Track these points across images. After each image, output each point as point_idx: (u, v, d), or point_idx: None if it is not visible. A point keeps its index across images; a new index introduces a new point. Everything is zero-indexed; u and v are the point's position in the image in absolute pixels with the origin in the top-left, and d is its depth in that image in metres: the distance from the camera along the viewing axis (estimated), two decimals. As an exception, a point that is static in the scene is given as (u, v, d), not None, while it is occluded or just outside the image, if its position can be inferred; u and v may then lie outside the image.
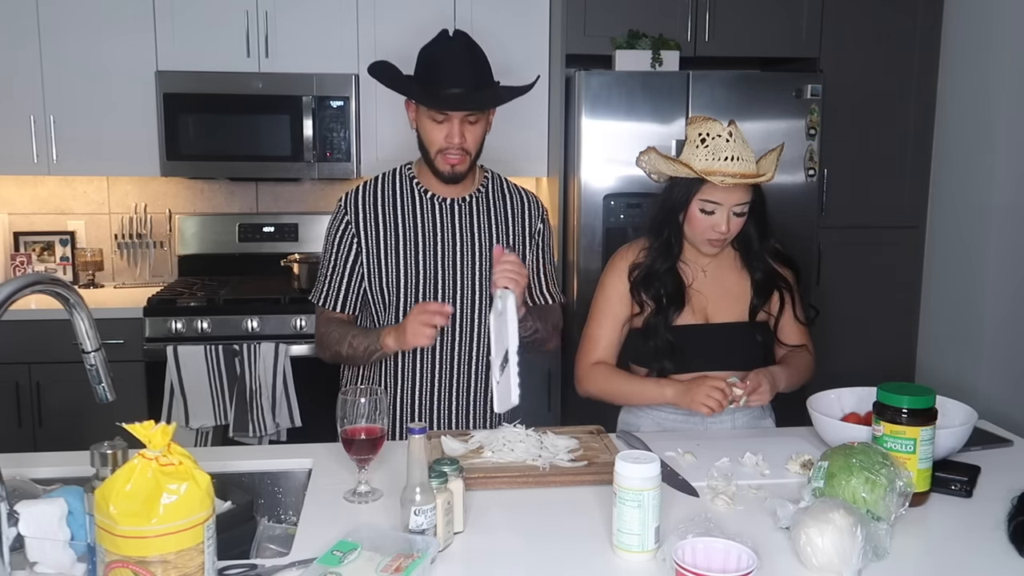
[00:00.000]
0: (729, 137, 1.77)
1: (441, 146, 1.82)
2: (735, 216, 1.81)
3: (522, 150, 3.48)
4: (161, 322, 3.11)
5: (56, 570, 1.14)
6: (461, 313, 1.91)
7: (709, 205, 1.80)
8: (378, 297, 1.91)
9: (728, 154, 1.75)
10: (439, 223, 1.91)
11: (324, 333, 1.93)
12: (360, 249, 1.91)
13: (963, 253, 3.39)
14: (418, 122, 1.86)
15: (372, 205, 1.91)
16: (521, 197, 2.01)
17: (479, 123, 1.84)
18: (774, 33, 3.35)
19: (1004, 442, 1.79)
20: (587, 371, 1.95)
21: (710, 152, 1.77)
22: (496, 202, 1.97)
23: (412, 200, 1.91)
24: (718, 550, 1.18)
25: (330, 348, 1.92)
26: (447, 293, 1.90)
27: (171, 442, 1.07)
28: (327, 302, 1.95)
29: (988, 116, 3.26)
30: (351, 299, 1.94)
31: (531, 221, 2.00)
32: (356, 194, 1.93)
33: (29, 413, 3.13)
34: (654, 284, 1.89)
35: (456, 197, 1.93)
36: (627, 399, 1.95)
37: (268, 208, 3.74)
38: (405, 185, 1.93)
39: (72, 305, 1.24)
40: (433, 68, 1.80)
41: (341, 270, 1.93)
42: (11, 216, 3.60)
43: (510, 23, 3.41)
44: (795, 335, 1.97)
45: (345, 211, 1.92)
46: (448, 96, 1.78)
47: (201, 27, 3.29)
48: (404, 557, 1.20)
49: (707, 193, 1.80)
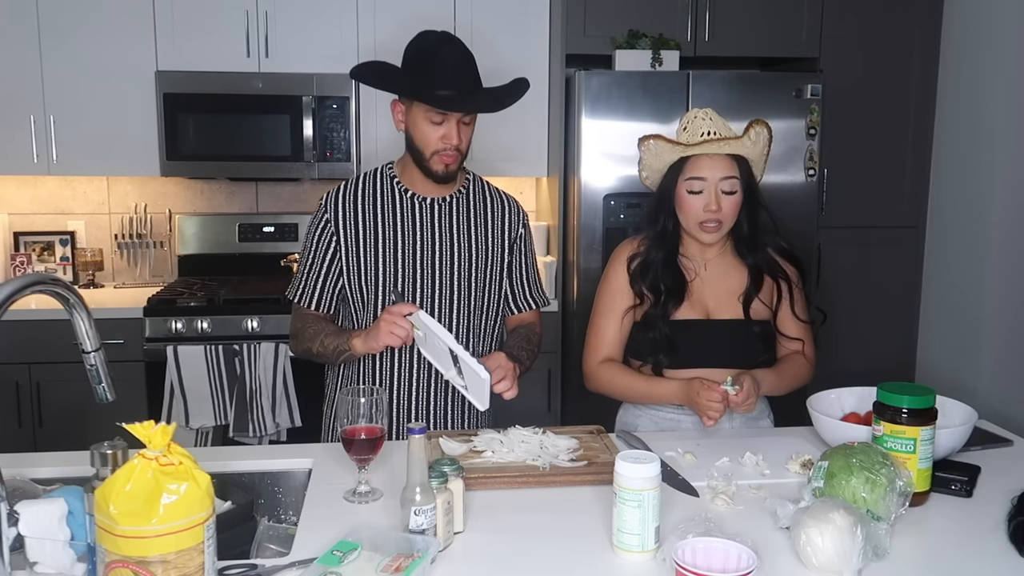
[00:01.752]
0: (706, 117, 1.82)
1: (437, 147, 1.82)
2: (724, 195, 1.82)
3: (522, 150, 3.48)
4: (161, 322, 3.11)
5: (56, 570, 1.14)
6: (440, 312, 1.90)
7: (695, 183, 1.82)
8: (357, 296, 1.92)
9: (705, 130, 1.81)
10: (419, 222, 1.90)
11: (299, 329, 1.94)
12: (339, 248, 1.91)
13: (963, 253, 3.39)
14: (411, 123, 1.84)
15: (352, 204, 1.91)
16: (502, 201, 2.01)
17: (472, 124, 1.85)
18: (774, 33, 3.35)
19: (1004, 442, 1.79)
20: (595, 368, 1.96)
21: (689, 134, 1.83)
22: (477, 204, 1.96)
23: (392, 199, 1.91)
24: (718, 550, 1.18)
25: (302, 344, 1.93)
26: (425, 292, 1.90)
27: (171, 442, 1.07)
28: (303, 299, 1.95)
29: (988, 116, 3.26)
30: (327, 297, 1.94)
31: (511, 226, 1.99)
32: (337, 193, 1.93)
33: (29, 413, 3.13)
34: (651, 274, 1.89)
35: (437, 197, 1.92)
36: (635, 397, 1.94)
37: (268, 208, 3.74)
38: (386, 184, 1.93)
39: (72, 305, 1.24)
40: (438, 69, 1.77)
41: (319, 268, 1.93)
42: (11, 216, 3.60)
43: (510, 23, 3.41)
44: (793, 330, 1.95)
45: (325, 210, 1.92)
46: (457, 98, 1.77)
47: (201, 27, 3.29)
48: (404, 557, 1.20)
49: (690, 170, 1.82)
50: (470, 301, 1.93)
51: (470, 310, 1.93)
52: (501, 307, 2.01)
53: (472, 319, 1.93)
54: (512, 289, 2.02)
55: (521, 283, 2.03)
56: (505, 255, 1.99)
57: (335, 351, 1.86)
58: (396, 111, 1.87)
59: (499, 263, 1.97)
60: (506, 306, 2.02)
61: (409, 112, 1.83)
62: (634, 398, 1.94)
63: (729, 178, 1.81)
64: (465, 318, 1.92)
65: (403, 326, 1.71)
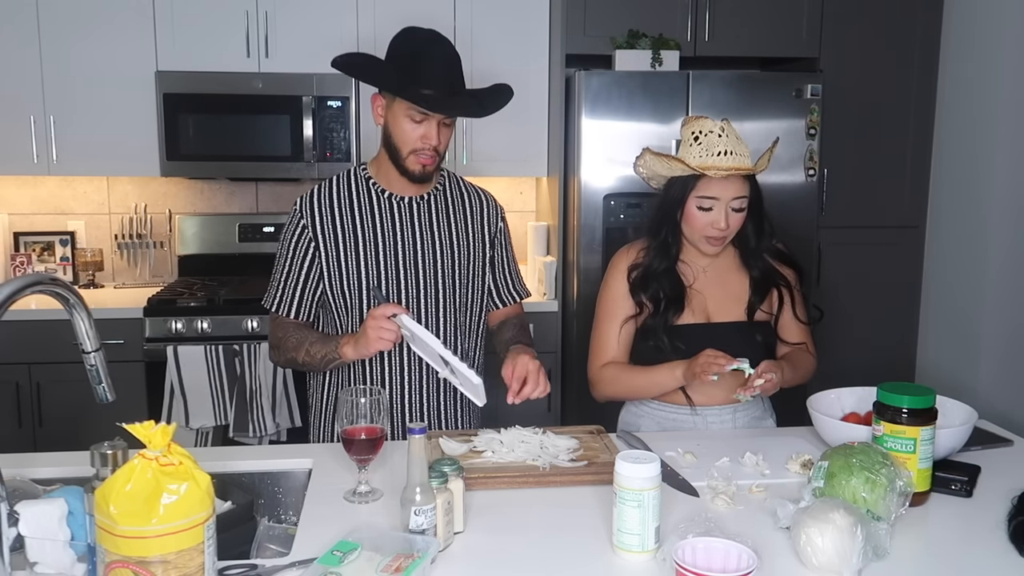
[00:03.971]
0: (721, 132, 1.79)
1: (415, 146, 1.79)
2: (733, 212, 1.82)
3: (522, 150, 3.48)
4: (161, 322, 3.11)
5: (56, 570, 1.14)
6: (426, 311, 1.89)
7: (706, 201, 1.81)
8: (339, 300, 1.89)
9: (721, 149, 1.77)
10: (398, 222, 1.89)
11: (281, 338, 1.89)
12: (318, 253, 1.87)
13: (963, 253, 3.39)
14: (391, 119, 1.80)
15: (329, 207, 1.88)
16: (479, 196, 2.00)
17: (452, 126, 1.83)
18: (774, 33, 3.35)
19: (1004, 442, 1.79)
20: (598, 375, 1.95)
21: (703, 148, 1.78)
22: (455, 201, 1.96)
23: (369, 201, 1.89)
24: (718, 550, 1.18)
25: (285, 354, 1.88)
26: (410, 292, 1.89)
27: (171, 442, 1.07)
28: (281, 308, 1.91)
29: (988, 116, 3.26)
30: (306, 305, 1.91)
31: (490, 221, 2.00)
32: (311, 197, 1.89)
33: (29, 413, 3.14)
34: (652, 285, 1.89)
35: (414, 196, 1.90)
36: (641, 392, 1.93)
37: (268, 208, 3.74)
38: (361, 186, 1.90)
39: (72, 305, 1.24)
40: (424, 68, 1.75)
41: (296, 275, 1.89)
42: (11, 216, 3.60)
43: (510, 23, 3.41)
44: (795, 333, 1.97)
45: (301, 215, 1.88)
46: (440, 99, 1.75)
47: (201, 27, 3.29)
48: (404, 557, 1.20)
49: (703, 189, 1.80)
50: (455, 299, 1.92)
51: (456, 308, 1.92)
52: (485, 302, 2.00)
53: (458, 316, 1.93)
54: (496, 283, 2.02)
55: (504, 276, 2.03)
56: (487, 249, 1.98)
57: (323, 359, 1.82)
58: (376, 104, 1.84)
59: (481, 258, 1.97)
60: (490, 300, 2.02)
61: (390, 108, 1.80)
62: (639, 390, 1.93)
63: (740, 197, 1.81)
64: (452, 316, 1.92)
65: (390, 328, 1.68)
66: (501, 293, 2.03)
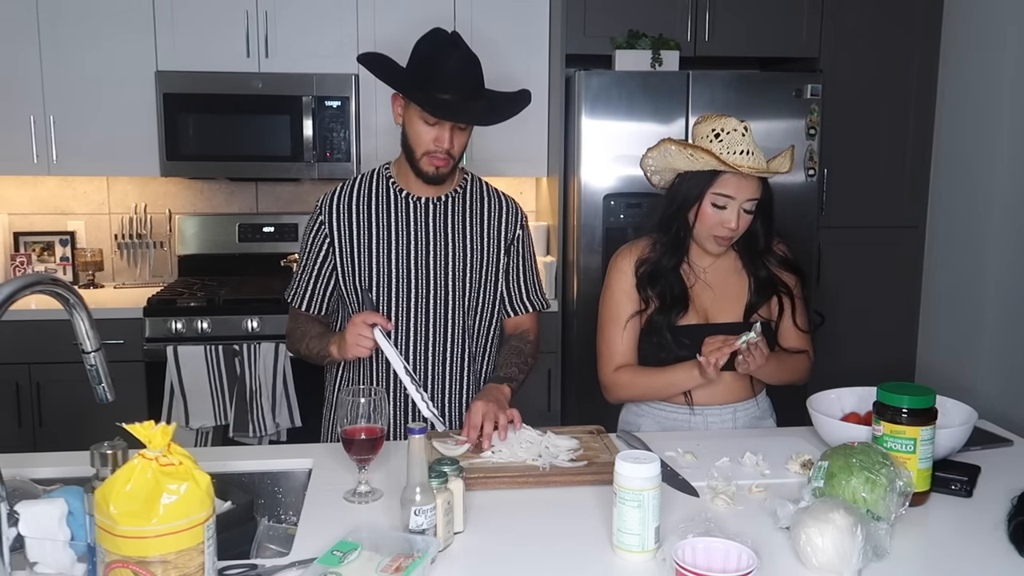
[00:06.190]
0: (744, 132, 1.78)
1: (428, 148, 1.80)
2: (744, 213, 1.82)
3: (522, 150, 3.48)
4: (161, 322, 3.11)
5: (56, 570, 1.14)
6: (434, 310, 1.90)
7: (722, 199, 1.80)
8: (352, 296, 1.92)
9: (743, 148, 1.76)
10: (412, 222, 1.90)
11: (291, 329, 1.98)
12: (332, 250, 1.91)
13: (963, 253, 3.39)
14: (407, 119, 1.83)
15: (347, 206, 1.91)
16: (500, 201, 1.99)
17: (467, 130, 1.84)
18: (774, 33, 3.35)
19: (1004, 442, 1.79)
20: (612, 379, 1.95)
21: (725, 146, 1.77)
22: (473, 204, 1.95)
23: (387, 200, 1.91)
24: (718, 550, 1.18)
25: (293, 344, 1.97)
26: (419, 291, 1.89)
27: (171, 442, 1.07)
28: (295, 300, 1.98)
29: (988, 116, 3.26)
30: (317, 299, 1.96)
31: (508, 227, 1.98)
32: (333, 196, 1.93)
33: (29, 413, 3.13)
34: (660, 281, 1.89)
35: (432, 197, 1.91)
36: (660, 393, 1.92)
37: (268, 208, 3.74)
38: (381, 185, 1.92)
39: (72, 305, 1.24)
40: (438, 73, 1.75)
41: (311, 270, 1.95)
42: (11, 216, 3.60)
43: (510, 23, 3.41)
44: (794, 340, 1.96)
45: (320, 212, 1.93)
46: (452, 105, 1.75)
47: (201, 27, 3.29)
48: (404, 557, 1.20)
49: (721, 186, 1.80)
50: (464, 301, 1.92)
51: (464, 310, 1.92)
52: (497, 308, 1.99)
53: (467, 318, 1.93)
54: (508, 291, 2.00)
55: (518, 285, 2.01)
56: (501, 256, 1.97)
57: (318, 355, 1.88)
58: (396, 104, 1.86)
59: (495, 264, 1.96)
60: (502, 308, 2.01)
61: (407, 109, 1.83)
62: (657, 391, 1.92)
63: (753, 199, 1.81)
64: (460, 317, 1.92)
65: (368, 336, 1.72)
66: (513, 302, 2.01)
